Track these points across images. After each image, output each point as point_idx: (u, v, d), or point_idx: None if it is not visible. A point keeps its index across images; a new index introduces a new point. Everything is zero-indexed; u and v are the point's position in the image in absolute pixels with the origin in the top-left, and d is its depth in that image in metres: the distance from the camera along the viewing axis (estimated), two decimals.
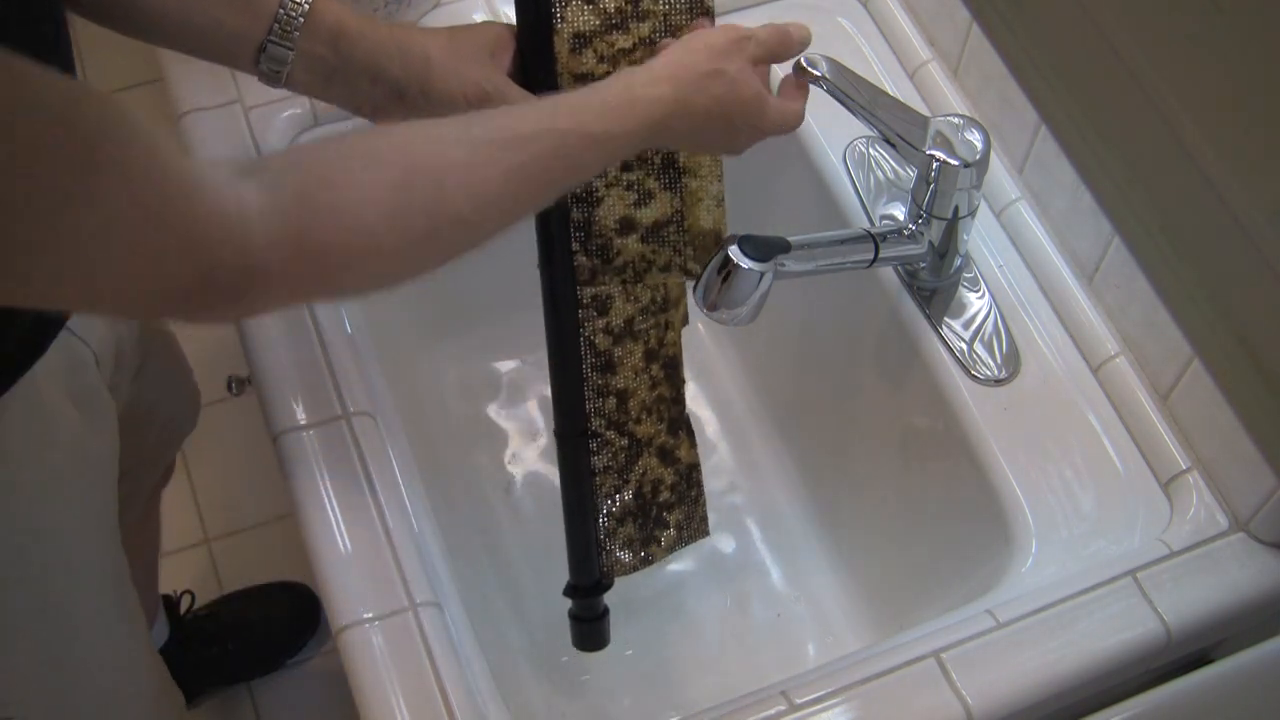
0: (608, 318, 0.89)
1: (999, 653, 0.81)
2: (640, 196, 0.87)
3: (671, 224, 0.88)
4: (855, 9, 1.13)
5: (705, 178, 0.88)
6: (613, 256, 0.88)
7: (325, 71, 0.82)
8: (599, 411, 0.90)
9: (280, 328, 0.92)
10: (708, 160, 0.88)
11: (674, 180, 0.88)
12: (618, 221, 0.87)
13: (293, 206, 0.61)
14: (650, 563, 0.96)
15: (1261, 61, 0.61)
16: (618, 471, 0.93)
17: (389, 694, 0.78)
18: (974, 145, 0.88)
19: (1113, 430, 0.92)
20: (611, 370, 0.90)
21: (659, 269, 0.89)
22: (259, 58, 0.81)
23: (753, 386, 1.23)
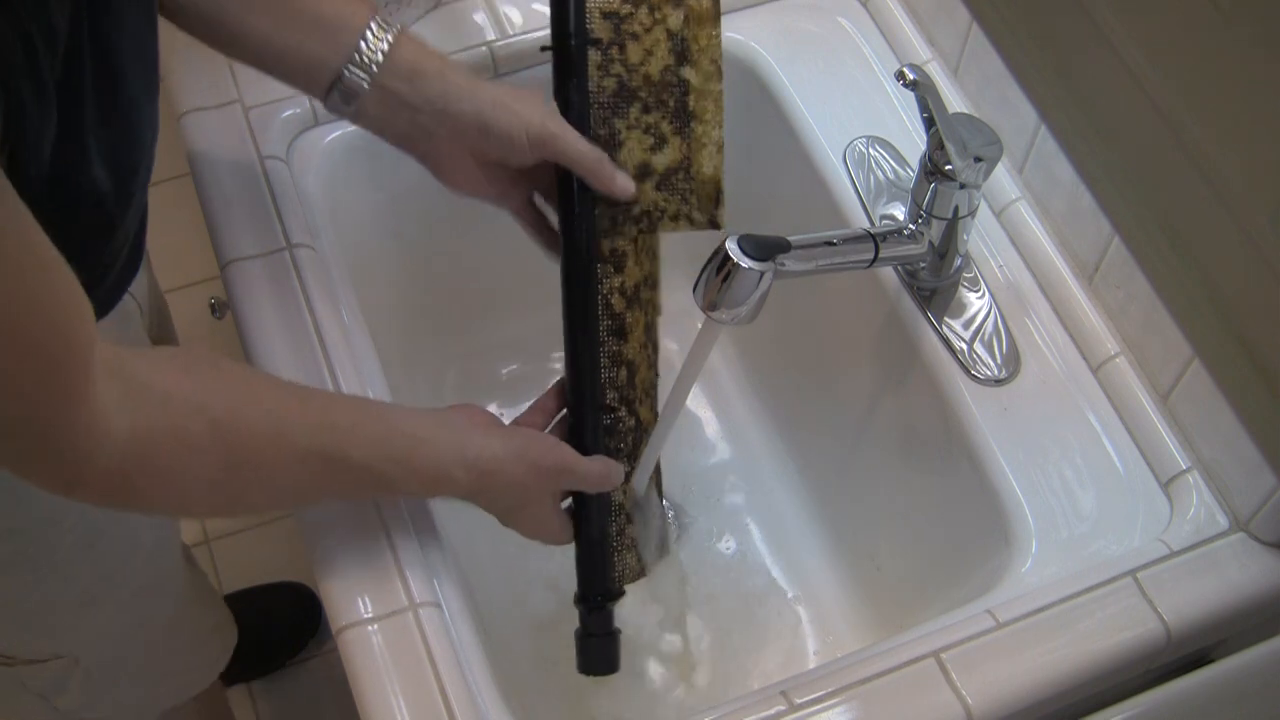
0: (622, 277, 0.88)
1: (999, 653, 0.81)
2: (656, 140, 0.88)
3: (680, 170, 0.89)
4: (855, 9, 1.13)
5: (709, 123, 0.89)
6: (631, 204, 0.88)
7: (396, 106, 0.84)
8: (613, 383, 0.88)
9: (280, 328, 0.92)
10: (711, 105, 0.89)
11: (685, 124, 0.89)
12: (636, 167, 0.88)
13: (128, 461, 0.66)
14: (645, 573, 0.93)
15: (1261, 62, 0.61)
16: (628, 457, 0.90)
17: (389, 694, 0.78)
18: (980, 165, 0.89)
19: (1113, 430, 0.92)
20: (623, 337, 0.88)
21: (669, 218, 0.89)
22: (332, 86, 0.83)
23: (753, 386, 1.23)
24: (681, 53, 0.89)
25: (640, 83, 0.88)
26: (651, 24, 0.89)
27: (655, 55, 0.89)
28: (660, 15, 0.89)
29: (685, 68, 0.89)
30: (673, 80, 0.89)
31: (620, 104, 0.88)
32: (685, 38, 0.90)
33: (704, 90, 0.89)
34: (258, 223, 0.97)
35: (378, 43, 0.82)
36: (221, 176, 0.99)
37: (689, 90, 0.89)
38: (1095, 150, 0.75)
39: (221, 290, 0.96)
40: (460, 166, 0.86)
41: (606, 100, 0.88)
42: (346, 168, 1.05)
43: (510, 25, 1.09)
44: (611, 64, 0.88)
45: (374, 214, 1.10)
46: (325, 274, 0.96)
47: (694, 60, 0.90)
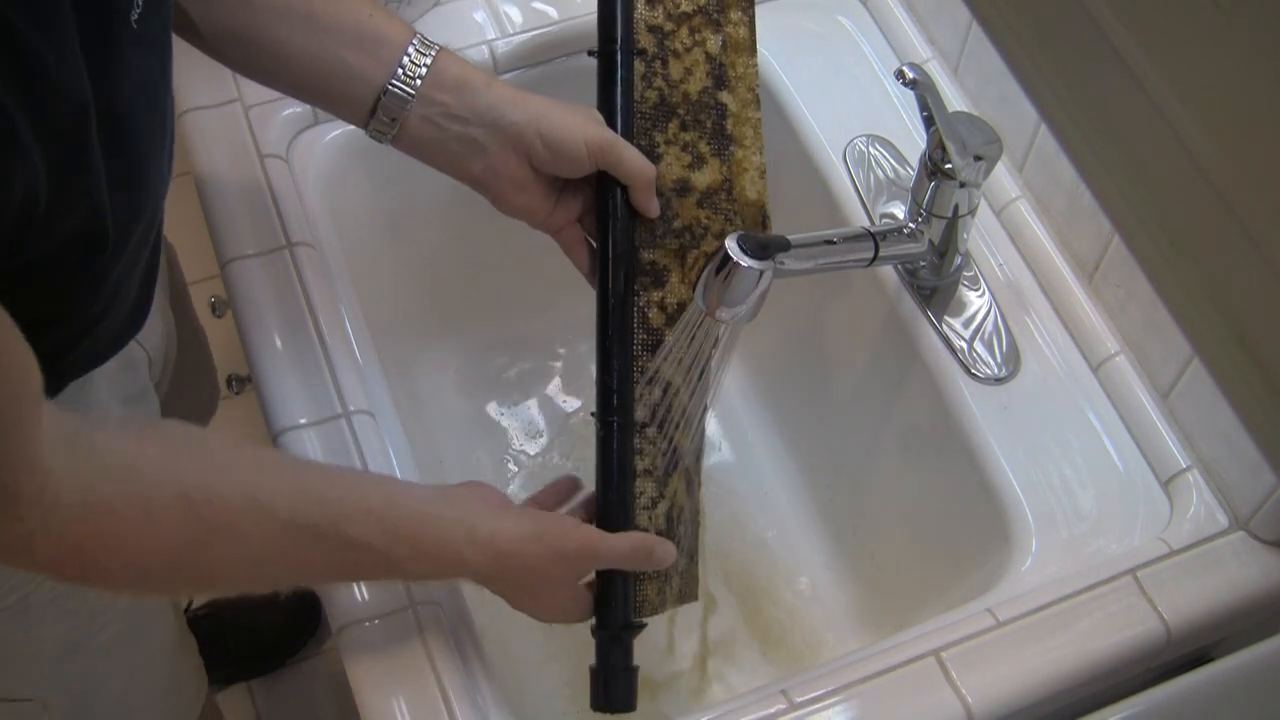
0: (663, 292, 0.86)
1: (999, 652, 0.81)
2: (694, 159, 0.88)
3: (722, 191, 0.88)
4: (855, 8, 1.13)
5: (749, 148, 0.89)
6: (671, 218, 0.87)
7: (444, 121, 0.82)
8: (646, 401, 0.85)
9: (280, 328, 0.92)
10: (750, 132, 0.90)
11: (724, 147, 0.89)
12: (675, 182, 0.87)
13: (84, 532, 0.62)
14: (663, 608, 0.85)
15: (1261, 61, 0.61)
16: (656, 481, 0.85)
17: (389, 694, 0.78)
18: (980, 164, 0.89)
19: (1113, 429, 0.92)
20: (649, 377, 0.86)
21: (714, 235, 0.88)
22: (376, 104, 0.81)
23: (753, 386, 1.23)
24: (719, 77, 0.91)
25: (679, 100, 0.89)
26: (691, 44, 0.90)
27: (694, 75, 0.90)
28: (700, 37, 0.91)
29: (723, 92, 0.90)
30: (710, 103, 0.90)
31: (660, 118, 0.88)
32: (723, 63, 0.91)
33: (741, 116, 0.90)
34: (258, 222, 0.97)
35: (421, 57, 0.82)
36: (221, 176, 0.99)
37: (726, 114, 0.90)
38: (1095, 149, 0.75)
39: (221, 289, 0.96)
40: (516, 182, 0.84)
41: (647, 112, 0.88)
42: (346, 168, 1.05)
43: (510, 24, 1.09)
44: (654, 77, 0.89)
45: (374, 214, 1.10)
46: (325, 274, 0.96)
47: (731, 86, 0.91)
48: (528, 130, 0.82)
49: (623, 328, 0.84)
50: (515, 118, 0.82)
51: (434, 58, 0.82)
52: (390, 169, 1.06)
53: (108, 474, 0.63)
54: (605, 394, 0.83)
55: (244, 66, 0.84)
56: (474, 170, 0.84)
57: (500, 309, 1.24)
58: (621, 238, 0.85)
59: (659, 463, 0.84)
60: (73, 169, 0.62)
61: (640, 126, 0.87)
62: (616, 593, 0.82)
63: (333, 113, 0.86)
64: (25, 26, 0.54)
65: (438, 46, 0.83)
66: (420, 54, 0.82)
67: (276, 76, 0.84)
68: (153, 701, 1.06)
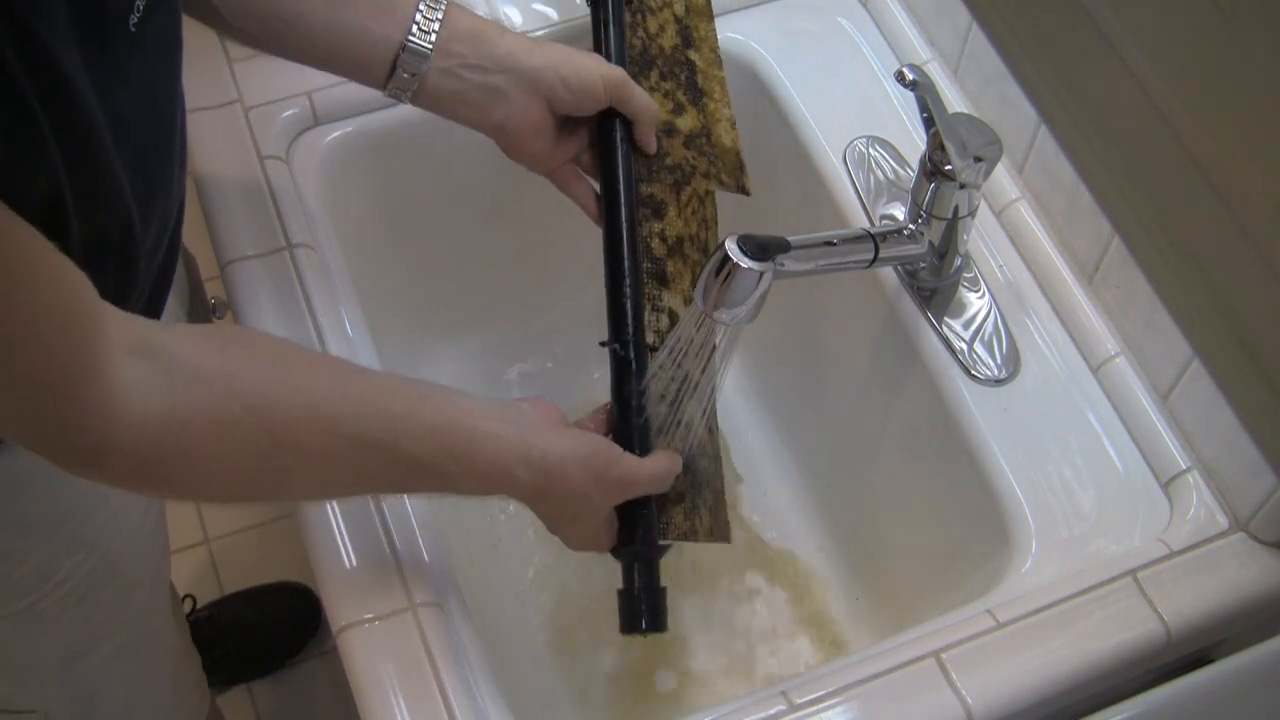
0: (663, 223, 0.90)
1: (999, 653, 0.81)
2: (675, 106, 0.94)
3: (702, 136, 0.94)
4: (855, 8, 1.13)
5: (719, 102, 0.96)
6: (664, 155, 0.92)
7: (464, 71, 0.84)
8: (655, 328, 0.88)
9: (280, 328, 0.92)
10: (717, 87, 0.96)
11: (698, 98, 0.95)
12: (663, 124, 0.92)
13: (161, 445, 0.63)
14: (694, 537, 0.86)
15: (1261, 61, 0.61)
16: (670, 405, 0.86)
17: (389, 694, 0.78)
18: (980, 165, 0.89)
19: (1113, 430, 0.92)
20: (665, 284, 0.89)
21: (701, 174, 0.93)
22: (395, 62, 0.83)
23: (753, 386, 1.23)
24: (686, 37, 0.97)
25: (657, 52, 0.95)
26: (662, 4, 0.97)
27: (666, 32, 0.96)
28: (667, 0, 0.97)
29: (690, 50, 0.97)
30: (681, 59, 0.96)
31: (645, 65, 0.94)
32: (688, 25, 0.97)
33: (709, 74, 0.97)
34: (258, 223, 0.97)
35: (433, 12, 0.83)
36: (221, 176, 0.99)
37: (696, 70, 0.96)
38: (1095, 150, 0.75)
39: (221, 290, 0.96)
40: (535, 126, 0.87)
41: (635, 58, 0.94)
42: (346, 168, 1.05)
43: (510, 25, 1.09)
44: (637, 28, 0.95)
45: (374, 214, 1.10)
46: (325, 274, 0.96)
47: (697, 46, 0.97)
48: (548, 74, 0.85)
49: (632, 253, 0.87)
50: (534, 62, 0.85)
51: (445, 11, 0.84)
52: (390, 170, 1.07)
53: (177, 385, 0.63)
54: (618, 318, 0.86)
55: (264, 42, 0.85)
56: (495, 117, 0.86)
57: (500, 310, 1.24)
58: (625, 166, 0.89)
59: (671, 388, 0.86)
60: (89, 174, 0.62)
61: (630, 71, 0.92)
62: (641, 515, 0.83)
63: (350, 77, 0.87)
64: (47, 36, 0.55)
65: (445, 1, 0.85)
66: (431, 8, 0.84)
67: (297, 48, 0.85)
68: (155, 713, 1.06)
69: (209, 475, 0.67)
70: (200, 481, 0.68)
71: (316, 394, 0.69)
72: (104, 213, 0.66)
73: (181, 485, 0.68)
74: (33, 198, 0.58)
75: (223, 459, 0.66)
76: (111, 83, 0.63)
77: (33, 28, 0.54)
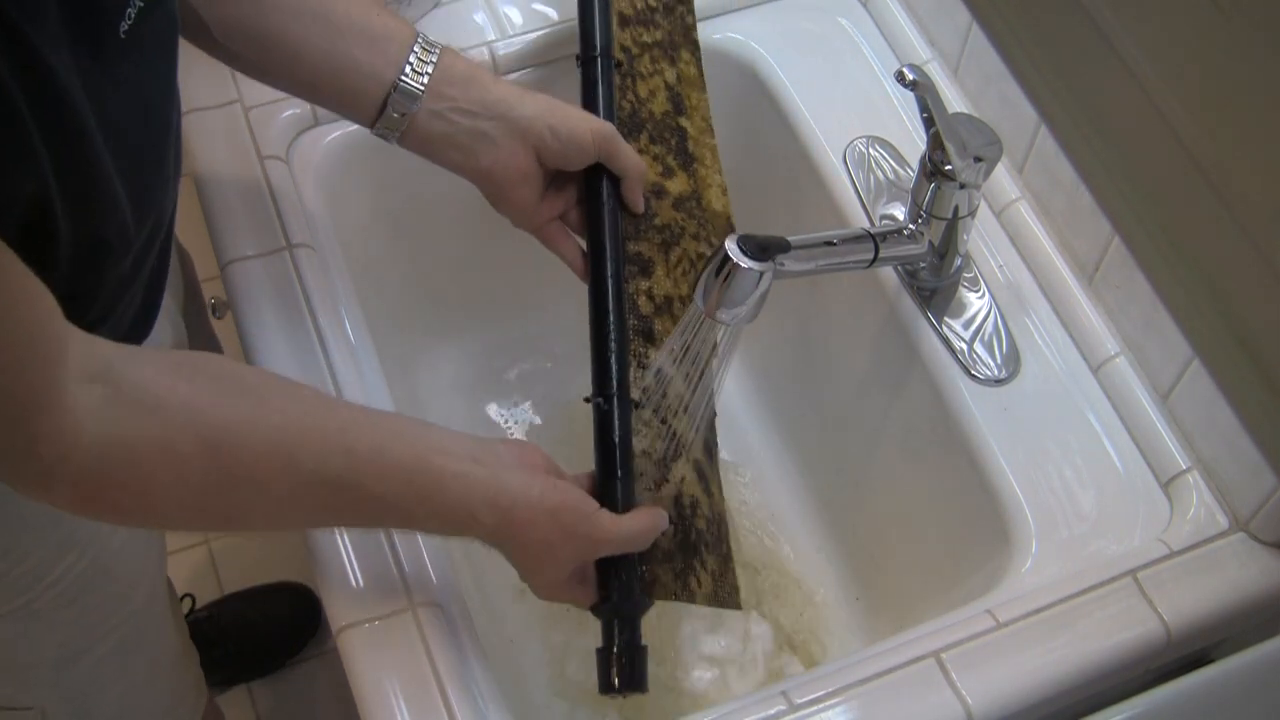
0: (650, 281, 0.90)
1: (999, 653, 0.81)
2: (665, 169, 0.94)
3: (692, 199, 0.94)
4: (855, 9, 1.13)
5: (710, 168, 0.96)
6: (652, 215, 0.92)
7: (453, 115, 0.84)
8: (639, 384, 0.86)
9: (280, 328, 0.92)
10: (709, 154, 0.96)
11: (688, 163, 0.95)
12: (652, 185, 0.93)
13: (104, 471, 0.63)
14: (689, 598, 0.83)
15: (1261, 62, 0.61)
16: (657, 463, 0.85)
17: (389, 694, 0.78)
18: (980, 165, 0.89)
19: (1113, 430, 0.92)
20: (652, 341, 0.88)
21: (690, 236, 0.93)
22: (386, 101, 0.83)
23: (753, 386, 1.23)
24: (678, 104, 0.98)
25: (646, 116, 0.96)
26: (654, 70, 0.98)
27: (657, 98, 0.97)
28: (659, 67, 0.99)
29: (682, 118, 0.98)
30: (672, 125, 0.97)
31: (634, 127, 0.95)
32: (680, 93, 0.99)
33: (700, 141, 0.97)
34: (258, 223, 0.97)
35: (427, 54, 0.83)
36: (221, 176, 0.99)
37: (687, 137, 0.97)
38: (1095, 150, 0.75)
39: (221, 290, 0.96)
40: (521, 175, 0.86)
41: (624, 120, 0.95)
42: (346, 168, 1.05)
43: (510, 25, 1.10)
44: (626, 90, 0.96)
45: (374, 214, 1.10)
46: (325, 274, 0.96)
47: (689, 114, 0.98)
48: (537, 123, 0.85)
49: (617, 307, 0.86)
50: (525, 111, 0.85)
51: (439, 54, 0.84)
52: (390, 170, 1.06)
53: (132, 414, 0.63)
54: (601, 372, 0.85)
55: (257, 68, 0.85)
56: (482, 164, 0.85)
57: (500, 309, 1.24)
58: (611, 222, 0.89)
59: (657, 445, 0.85)
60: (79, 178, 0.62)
61: (620, 132, 0.91)
62: (620, 571, 0.80)
63: (340, 113, 0.87)
64: (37, 40, 0.55)
65: (439, 45, 0.85)
66: (426, 50, 0.84)
67: (290, 77, 0.85)
68: (153, 712, 1.06)
69: (158, 505, 0.66)
70: (149, 511, 0.67)
71: (278, 429, 0.68)
72: (96, 216, 0.66)
73: (130, 513, 0.67)
74: (19, 201, 0.58)
75: (172, 489, 0.65)
76: (104, 87, 0.63)
77: (22, 31, 0.54)
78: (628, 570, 0.80)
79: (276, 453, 0.67)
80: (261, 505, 0.69)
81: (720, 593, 0.85)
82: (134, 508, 0.66)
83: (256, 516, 0.71)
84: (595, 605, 0.81)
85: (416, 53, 0.83)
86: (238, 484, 0.67)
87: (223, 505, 0.68)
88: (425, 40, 0.84)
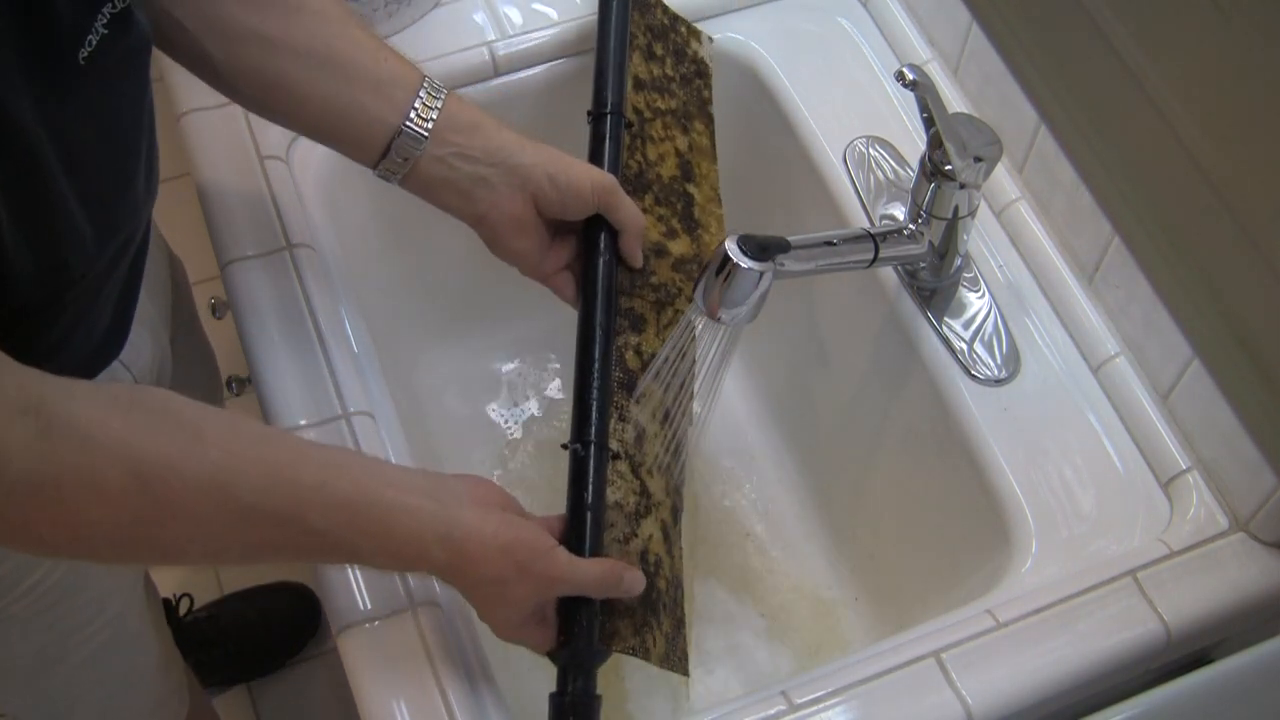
0: (640, 337, 0.89)
1: (999, 653, 0.81)
2: (668, 230, 0.94)
3: (694, 262, 0.94)
4: (855, 9, 1.13)
5: (715, 235, 0.97)
6: (649, 273, 0.92)
7: (455, 160, 0.84)
8: (618, 436, 0.85)
9: (280, 328, 0.92)
10: (714, 223, 0.97)
11: (692, 228, 0.96)
12: (653, 244, 0.93)
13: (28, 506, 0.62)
14: (644, 655, 0.80)
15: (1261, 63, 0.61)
16: (628, 517, 0.83)
17: (389, 694, 0.78)
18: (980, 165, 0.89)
19: (1113, 430, 0.92)
20: (635, 398, 0.88)
21: (686, 297, 0.92)
22: (390, 144, 0.83)
23: (753, 386, 1.23)
24: (687, 171, 0.98)
25: (654, 178, 0.96)
26: (665, 136, 0.99)
27: (667, 162, 0.97)
28: (671, 134, 0.99)
29: (690, 184, 0.98)
30: (680, 190, 0.97)
31: (639, 187, 0.95)
32: (690, 161, 0.99)
33: (706, 209, 0.98)
34: (258, 223, 0.97)
35: (433, 100, 0.83)
36: (221, 177, 0.99)
37: (694, 203, 0.97)
38: (1095, 150, 0.75)
39: (221, 290, 0.96)
40: (518, 223, 0.86)
41: (630, 178, 0.95)
42: (346, 169, 1.05)
43: (510, 26, 1.09)
44: (635, 151, 0.96)
45: (374, 215, 1.10)
46: (325, 275, 0.96)
47: (697, 182, 0.99)
48: (536, 171, 0.84)
49: (603, 357, 0.86)
50: (525, 159, 0.84)
51: (444, 100, 0.84)
52: None
53: (60, 449, 0.62)
54: (581, 418, 0.83)
55: (260, 106, 0.85)
56: (480, 209, 0.85)
57: (500, 310, 1.24)
58: (606, 273, 0.88)
59: (630, 499, 0.83)
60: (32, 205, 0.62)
61: (624, 189, 0.91)
62: (581, 617, 0.78)
63: (343, 152, 0.86)
64: None
65: (445, 89, 0.85)
66: (432, 96, 0.83)
67: (292, 117, 0.85)
68: (132, 719, 1.05)
69: (87, 539, 0.65)
70: (77, 544, 0.66)
71: (213, 462, 0.66)
72: (53, 241, 0.65)
73: (60, 547, 0.66)
74: None
75: (101, 524, 0.64)
76: (63, 114, 0.63)
77: None
78: (588, 617, 0.78)
79: (212, 485, 0.66)
80: (197, 539, 0.68)
81: (671, 656, 0.83)
82: (61, 541, 0.65)
83: (192, 551, 0.69)
84: (552, 650, 0.78)
85: (422, 98, 0.83)
86: (169, 516, 0.66)
87: (155, 539, 0.67)
88: (431, 85, 0.84)
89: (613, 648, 0.79)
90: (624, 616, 0.80)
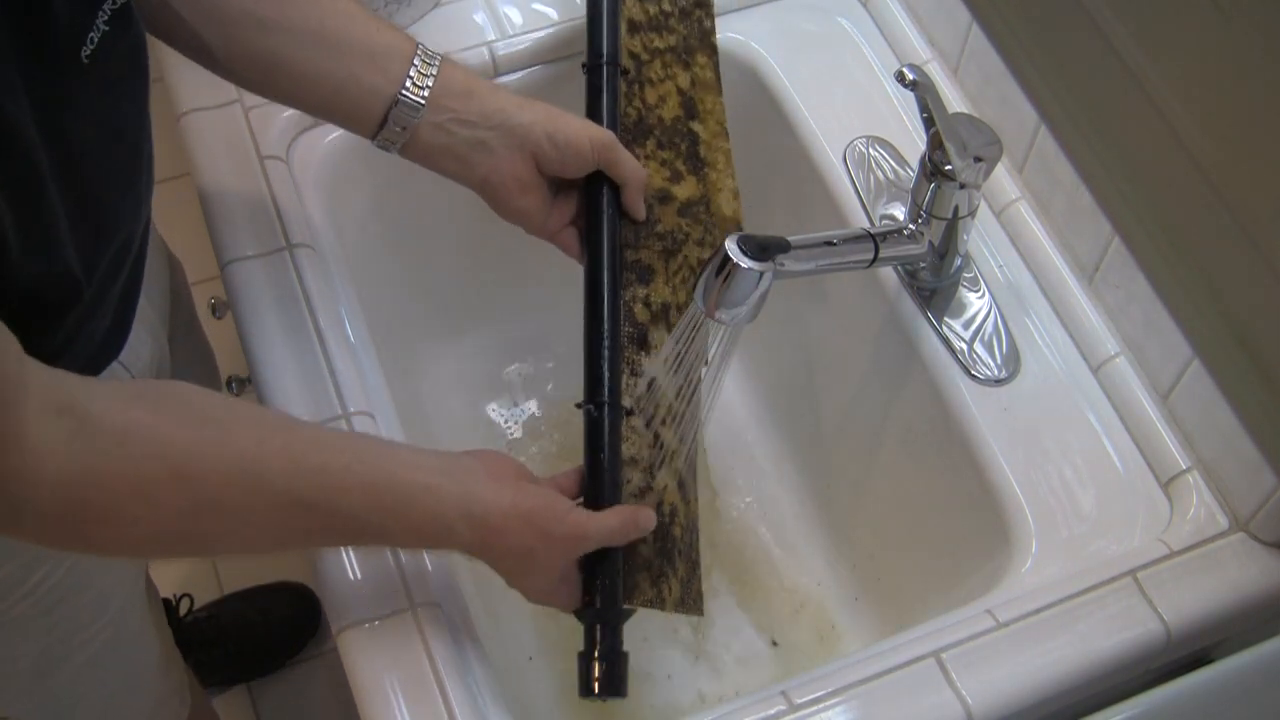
0: (648, 289, 0.90)
1: (999, 653, 0.81)
2: (672, 174, 0.94)
3: (700, 204, 0.94)
4: (855, 8, 1.13)
5: (722, 172, 0.96)
6: (654, 222, 0.92)
7: (454, 126, 0.84)
8: (631, 391, 0.87)
9: (280, 328, 0.92)
10: (721, 159, 0.96)
11: (698, 168, 0.95)
12: (657, 192, 0.93)
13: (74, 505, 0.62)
14: (660, 605, 0.83)
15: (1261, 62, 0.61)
16: (643, 471, 0.85)
17: (389, 694, 0.78)
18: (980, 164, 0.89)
19: (1113, 430, 0.92)
20: (646, 350, 0.88)
21: (694, 242, 0.92)
22: (387, 115, 0.83)
23: (752, 387, 1.23)
24: (690, 109, 0.98)
25: (655, 122, 0.96)
26: (665, 76, 0.98)
27: (668, 103, 0.97)
28: (671, 72, 0.98)
29: (694, 122, 0.97)
30: (683, 130, 0.96)
31: (640, 134, 0.94)
32: (693, 98, 0.98)
33: (713, 145, 0.97)
34: (258, 223, 0.97)
35: (428, 67, 0.83)
36: (221, 177, 0.99)
37: (699, 141, 0.97)
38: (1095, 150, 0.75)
39: (221, 290, 0.96)
40: (521, 183, 0.86)
41: (629, 126, 0.94)
42: (346, 168, 1.05)
43: (510, 25, 1.10)
44: (634, 98, 0.96)
45: (374, 215, 1.10)
46: (325, 275, 0.96)
47: (702, 119, 0.98)
48: (535, 130, 0.85)
49: (612, 315, 0.87)
50: (523, 119, 0.85)
51: (439, 66, 0.84)
52: (390, 170, 1.06)
53: (97, 447, 0.62)
54: (593, 379, 0.85)
55: (259, 87, 0.85)
56: (480, 172, 0.86)
57: (500, 309, 1.24)
58: (610, 230, 0.89)
59: (645, 453, 0.85)
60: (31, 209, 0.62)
61: (623, 139, 0.91)
62: (605, 575, 0.81)
63: (342, 125, 0.87)
64: None
65: (439, 55, 0.85)
66: (426, 63, 0.84)
67: (291, 95, 0.85)
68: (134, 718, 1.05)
69: (128, 535, 0.66)
70: (120, 541, 0.67)
71: (245, 452, 0.67)
72: (54, 245, 0.66)
73: (101, 544, 0.67)
74: None
75: (142, 520, 0.65)
76: (63, 113, 0.63)
77: None
78: (611, 575, 0.81)
79: (245, 476, 0.67)
80: (233, 530, 0.69)
81: (687, 599, 0.85)
82: (106, 539, 0.66)
83: (229, 541, 0.70)
84: (579, 609, 0.81)
85: (417, 66, 0.83)
86: (206, 510, 0.67)
87: (194, 532, 0.68)
88: (425, 52, 0.84)
89: (635, 603, 0.82)
90: (642, 570, 0.83)
